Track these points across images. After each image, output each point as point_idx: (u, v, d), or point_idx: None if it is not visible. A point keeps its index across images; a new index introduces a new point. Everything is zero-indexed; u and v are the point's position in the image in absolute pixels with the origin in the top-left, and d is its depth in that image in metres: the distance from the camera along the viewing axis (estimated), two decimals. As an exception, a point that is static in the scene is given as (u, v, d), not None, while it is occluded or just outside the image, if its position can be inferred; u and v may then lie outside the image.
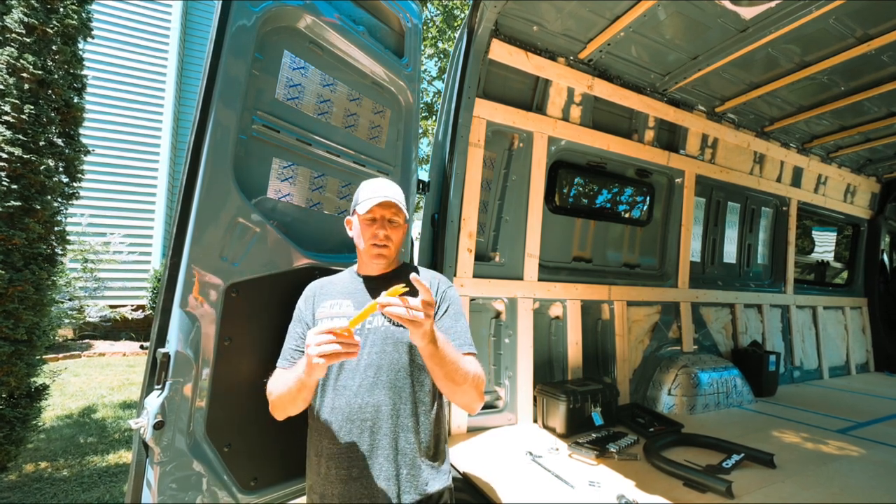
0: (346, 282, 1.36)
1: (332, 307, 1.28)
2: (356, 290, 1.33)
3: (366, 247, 1.30)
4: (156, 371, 1.28)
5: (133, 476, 1.27)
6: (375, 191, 1.29)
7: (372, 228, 1.29)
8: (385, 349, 1.22)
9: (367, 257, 1.32)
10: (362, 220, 1.30)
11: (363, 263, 1.36)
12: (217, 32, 1.40)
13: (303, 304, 1.33)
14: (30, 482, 2.80)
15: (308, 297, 1.34)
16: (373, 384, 1.19)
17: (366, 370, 1.20)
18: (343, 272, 1.43)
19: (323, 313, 1.28)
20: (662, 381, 3.47)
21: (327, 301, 1.30)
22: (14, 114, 2.48)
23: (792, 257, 5.05)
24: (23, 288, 2.45)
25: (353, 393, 1.18)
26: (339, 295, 1.31)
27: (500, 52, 2.84)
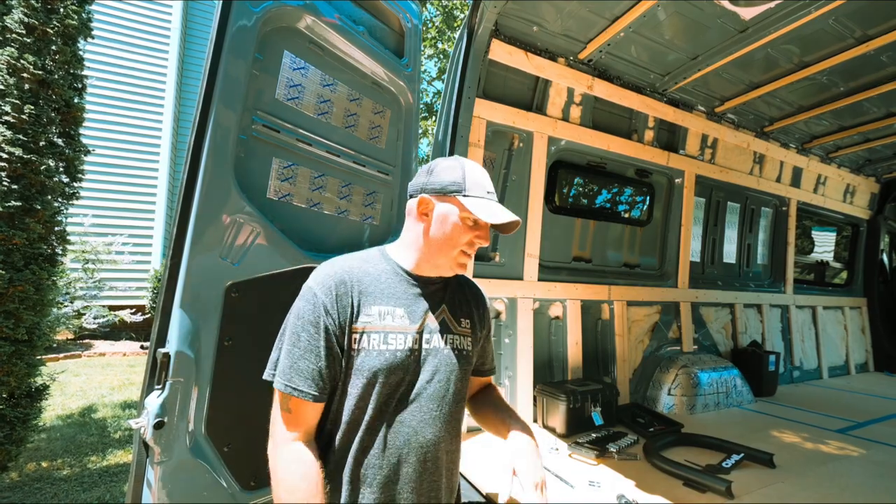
0: (391, 279, 1.01)
1: (383, 317, 0.95)
2: (408, 294, 1.01)
3: (456, 252, 1.00)
4: (156, 371, 1.28)
5: (133, 476, 1.27)
6: (486, 187, 1.00)
7: (473, 232, 1.00)
8: (450, 377, 1.00)
9: (450, 263, 1.02)
10: (463, 218, 0.98)
11: (427, 262, 1.02)
12: (217, 33, 1.40)
13: (329, 302, 0.92)
14: (30, 482, 2.80)
15: (342, 293, 0.94)
16: (434, 418, 0.96)
17: (429, 402, 0.96)
18: (373, 256, 1.05)
19: (371, 324, 0.94)
20: (662, 380, 3.47)
21: (375, 307, 0.95)
22: (14, 114, 2.48)
23: (791, 257, 5.05)
24: (23, 288, 2.45)
25: (412, 430, 0.94)
26: (387, 298, 0.98)
27: (500, 53, 2.84)
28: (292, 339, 0.92)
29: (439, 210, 0.99)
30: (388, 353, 0.93)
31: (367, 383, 0.92)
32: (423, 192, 1.00)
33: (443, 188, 0.98)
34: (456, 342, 1.03)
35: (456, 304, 1.08)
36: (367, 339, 0.93)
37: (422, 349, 0.98)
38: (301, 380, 0.89)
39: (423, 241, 1.01)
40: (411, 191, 1.04)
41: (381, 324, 0.95)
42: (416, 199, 1.01)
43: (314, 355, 0.90)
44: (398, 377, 0.94)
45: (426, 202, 1.00)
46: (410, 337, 0.96)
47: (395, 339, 0.94)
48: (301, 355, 0.90)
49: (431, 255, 1.01)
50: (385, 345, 0.93)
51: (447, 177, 0.98)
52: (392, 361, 0.93)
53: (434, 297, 1.03)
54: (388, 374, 0.92)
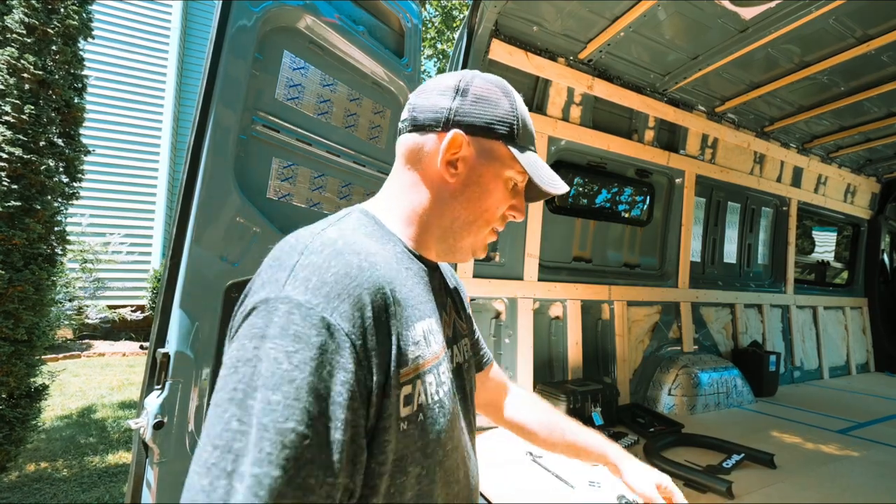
0: (412, 270, 0.61)
1: (429, 341, 0.56)
2: (426, 290, 0.62)
3: (488, 228, 0.66)
4: (156, 371, 1.28)
5: (133, 476, 1.27)
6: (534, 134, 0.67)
7: (513, 202, 0.66)
8: (472, 397, 0.73)
9: (476, 245, 0.67)
10: (504, 178, 0.63)
11: (443, 241, 0.65)
12: (217, 32, 1.40)
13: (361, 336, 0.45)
14: (30, 482, 2.80)
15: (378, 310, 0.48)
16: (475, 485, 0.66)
17: (469, 435, 0.66)
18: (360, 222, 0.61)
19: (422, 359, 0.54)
20: (662, 381, 3.47)
21: (417, 325, 0.55)
22: (14, 114, 2.48)
23: (792, 257, 5.05)
24: (23, 288, 2.45)
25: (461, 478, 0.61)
26: (421, 307, 0.58)
27: (500, 52, 2.84)
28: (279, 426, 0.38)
29: (480, 161, 0.61)
30: (447, 398, 0.57)
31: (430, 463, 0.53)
32: (455, 126, 0.60)
33: (487, 125, 0.60)
34: (468, 350, 0.74)
35: (455, 295, 0.77)
36: (422, 388, 0.52)
37: (453, 372, 0.64)
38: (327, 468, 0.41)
39: (445, 206, 0.62)
40: (425, 117, 0.62)
41: (430, 353, 0.55)
42: (434, 136, 0.61)
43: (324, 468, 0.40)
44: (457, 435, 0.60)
45: (460, 143, 0.60)
46: (447, 359, 0.62)
47: (445, 372, 0.58)
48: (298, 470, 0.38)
49: (455, 232, 0.64)
50: (439, 386, 0.56)
51: (493, 109, 0.61)
52: (452, 410, 0.58)
53: (442, 289, 0.69)
54: (450, 435, 0.57)
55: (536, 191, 0.66)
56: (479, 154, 0.61)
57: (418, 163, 0.63)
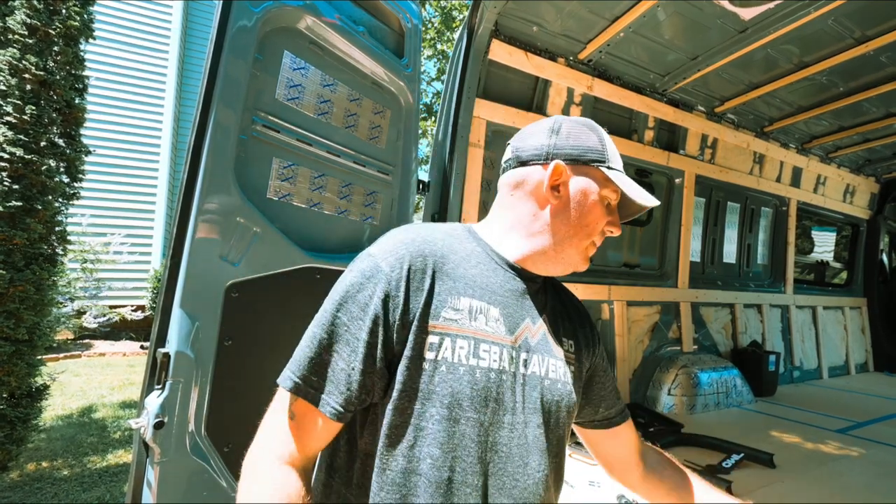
0: (482, 262, 0.71)
1: (474, 315, 0.65)
2: (506, 290, 0.71)
3: (588, 241, 0.73)
4: (156, 371, 1.29)
5: (133, 476, 1.27)
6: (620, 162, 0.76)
7: (609, 219, 0.74)
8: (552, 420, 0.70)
9: (579, 257, 0.74)
10: (600, 197, 0.72)
11: (546, 255, 0.73)
12: (217, 33, 1.41)
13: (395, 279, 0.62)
14: (30, 481, 2.80)
15: (417, 269, 0.63)
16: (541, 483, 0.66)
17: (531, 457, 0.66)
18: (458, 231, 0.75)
19: (458, 324, 0.63)
20: (662, 380, 3.47)
21: (464, 298, 0.65)
22: (16, 114, 2.49)
23: (791, 257, 5.05)
24: (24, 288, 2.45)
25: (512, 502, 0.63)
26: (478, 290, 0.67)
27: (500, 53, 2.84)
28: (323, 321, 0.63)
29: (577, 184, 0.71)
30: (480, 372, 0.62)
31: (442, 415, 0.60)
32: (556, 157, 0.71)
33: (582, 154, 0.71)
34: (559, 371, 0.72)
35: (558, 316, 0.78)
36: (450, 346, 0.62)
37: (518, 374, 0.67)
38: (323, 379, 0.61)
39: (546, 223, 0.72)
40: (529, 155, 0.73)
41: (471, 326, 0.64)
42: (537, 168, 0.72)
43: (349, 350, 0.61)
44: (493, 415, 0.63)
45: (561, 171, 0.71)
46: (507, 352, 0.66)
47: (489, 353, 0.64)
48: (330, 346, 0.61)
49: (557, 245, 0.72)
50: (476, 359, 0.63)
51: (584, 140, 0.72)
52: (485, 387, 0.62)
53: (536, 300, 0.74)
54: (478, 407, 0.61)
55: (630, 206, 0.76)
56: (578, 178, 0.72)
57: (523, 190, 0.75)
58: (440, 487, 0.59)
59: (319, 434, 0.62)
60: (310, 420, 0.62)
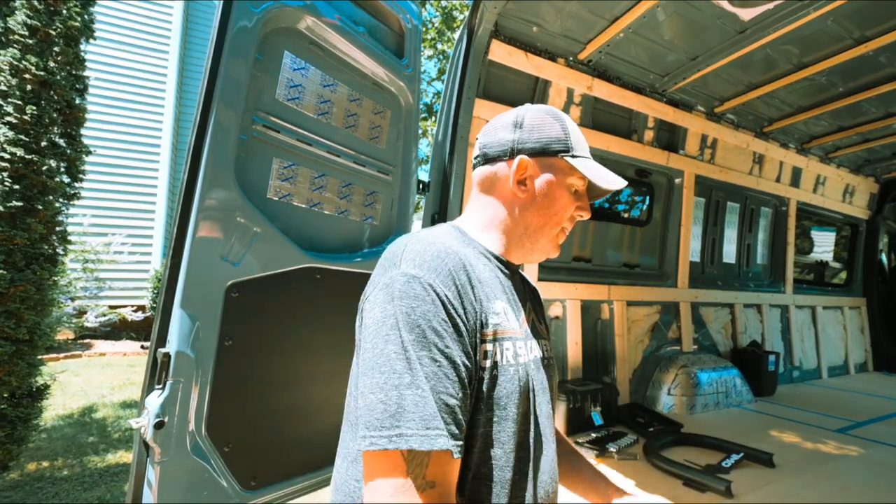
0: (488, 266, 0.73)
1: (507, 316, 0.69)
2: (506, 286, 0.74)
3: (557, 229, 0.77)
4: (156, 371, 1.29)
5: (134, 476, 1.28)
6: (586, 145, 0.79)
7: (577, 204, 0.77)
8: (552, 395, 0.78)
9: (550, 245, 0.78)
10: (566, 185, 0.75)
11: (521, 246, 0.77)
12: (218, 33, 1.41)
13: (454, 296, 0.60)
14: (31, 481, 2.81)
15: (463, 282, 0.62)
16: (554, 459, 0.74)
17: (549, 439, 0.72)
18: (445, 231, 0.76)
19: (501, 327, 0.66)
20: (662, 380, 3.47)
21: (498, 301, 0.68)
22: (16, 114, 2.49)
23: (791, 257, 5.05)
24: (24, 288, 2.46)
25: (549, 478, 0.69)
26: (498, 291, 0.71)
27: (500, 53, 2.84)
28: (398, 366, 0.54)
29: (543, 176, 0.74)
30: (521, 368, 0.66)
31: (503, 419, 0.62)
32: (519, 153, 0.74)
33: (545, 147, 0.73)
34: (548, 350, 0.80)
35: (536, 302, 0.87)
36: (499, 349, 0.64)
37: (530, 361, 0.71)
38: (445, 423, 0.53)
39: (517, 217, 0.75)
40: (494, 151, 0.76)
41: (510, 326, 0.67)
42: (503, 164, 0.75)
43: (450, 381, 0.55)
44: (532, 406, 0.68)
45: (526, 165, 0.73)
46: (526, 344, 0.71)
47: (525, 348, 0.69)
48: (438, 380, 0.54)
49: (530, 236, 0.76)
50: (516, 357, 0.66)
51: (547, 132, 0.74)
52: (526, 381, 0.67)
53: (520, 289, 0.79)
54: (525, 402, 0.66)
55: (598, 189, 0.79)
56: (543, 170, 0.75)
57: (493, 186, 0.77)
58: (507, 487, 0.61)
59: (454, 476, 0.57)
60: (447, 470, 0.54)
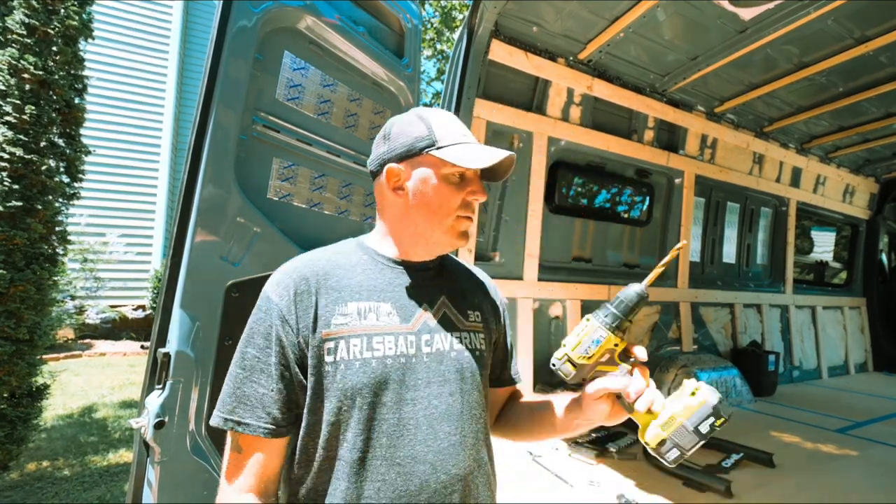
0: (368, 269, 0.80)
1: (364, 315, 0.75)
2: (395, 286, 0.80)
3: (451, 219, 0.79)
4: (156, 371, 1.29)
5: (134, 475, 1.28)
6: (464, 134, 0.79)
7: (465, 189, 0.79)
8: (465, 388, 0.78)
9: (449, 235, 0.80)
10: (446, 176, 0.77)
11: (417, 244, 0.82)
12: (218, 33, 1.41)
13: (286, 307, 0.73)
14: (31, 481, 2.81)
15: (302, 291, 0.74)
16: (457, 445, 0.74)
17: (446, 425, 0.74)
18: (346, 247, 0.85)
19: (347, 326, 0.73)
20: (662, 380, 3.47)
21: (350, 304, 0.75)
22: (15, 114, 2.49)
23: (791, 257, 5.06)
24: (24, 288, 2.45)
25: (430, 467, 0.70)
26: (365, 293, 0.77)
27: (500, 53, 2.84)
28: (237, 359, 0.73)
29: (415, 177, 0.78)
30: (375, 361, 0.71)
31: (349, 406, 0.69)
32: (389, 163, 0.79)
33: (409, 149, 0.77)
34: (465, 341, 0.81)
35: (458, 294, 0.86)
36: (345, 346, 0.71)
37: (421, 355, 0.75)
38: (247, 409, 0.69)
39: (406, 221, 0.80)
40: (372, 167, 0.83)
41: (361, 324, 0.73)
42: (382, 176, 0.80)
43: (265, 376, 0.70)
44: (394, 395, 0.71)
45: (395, 172, 0.78)
46: (403, 339, 0.75)
47: (384, 344, 0.73)
48: (247, 377, 0.71)
49: (422, 234, 0.80)
50: (370, 351, 0.72)
51: (410, 133, 0.78)
52: (381, 373, 0.71)
53: (429, 287, 0.82)
54: (377, 391, 0.70)
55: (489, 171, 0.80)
56: (415, 171, 0.78)
57: (381, 198, 0.84)
58: (354, 466, 0.68)
59: (267, 455, 0.71)
60: (254, 448, 0.71)
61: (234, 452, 0.71)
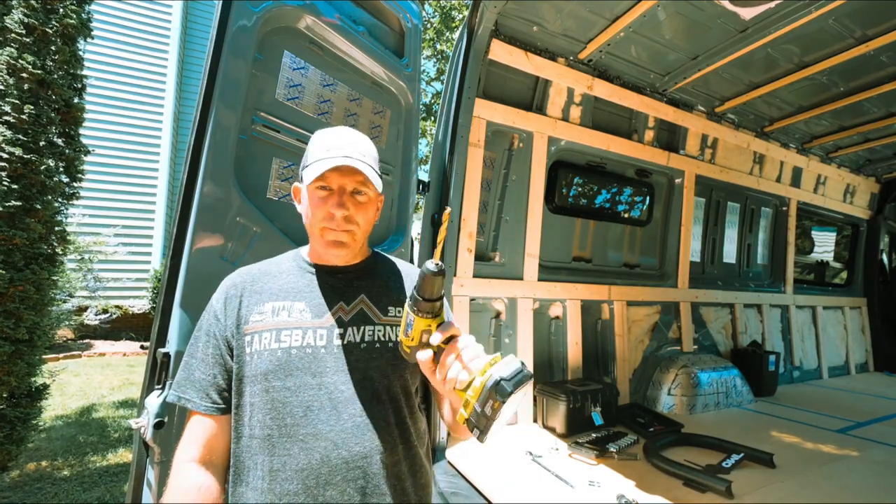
0: (292, 273, 0.94)
1: (276, 313, 0.87)
2: (313, 287, 0.92)
3: (318, 229, 0.89)
4: (156, 371, 1.29)
5: (133, 476, 1.27)
6: (331, 147, 0.87)
7: (326, 205, 0.87)
8: (376, 375, 0.87)
9: (321, 244, 0.91)
10: (312, 191, 0.88)
11: (316, 250, 0.95)
12: (217, 33, 1.40)
13: (220, 308, 0.89)
14: (31, 481, 2.80)
15: (231, 295, 0.90)
16: (360, 426, 0.82)
17: (349, 408, 0.82)
18: (284, 257, 1.00)
19: (262, 322, 0.86)
20: (662, 380, 3.47)
21: (267, 304, 0.88)
22: (14, 114, 2.48)
23: (791, 257, 5.05)
24: (24, 288, 2.45)
25: (331, 443, 0.79)
26: (283, 294, 0.90)
27: (500, 53, 2.84)
28: (189, 349, 0.90)
29: (301, 192, 0.93)
30: (281, 351, 0.83)
31: (260, 390, 0.82)
32: (295, 181, 0.96)
33: (301, 168, 0.93)
34: (379, 334, 0.89)
35: (381, 292, 0.95)
36: (258, 339, 0.84)
37: (331, 346, 0.85)
38: (194, 390, 0.85)
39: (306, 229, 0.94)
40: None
41: (273, 321, 0.86)
42: None
43: (204, 364, 0.86)
44: (298, 380, 0.82)
45: (296, 189, 0.95)
46: (312, 332, 0.86)
47: (290, 336, 0.84)
48: (196, 365, 0.87)
49: (311, 241, 0.96)
50: (277, 343, 0.84)
51: (305, 155, 0.93)
52: (285, 361, 0.82)
53: (349, 287, 0.93)
54: (282, 377, 0.82)
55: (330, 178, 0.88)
56: (300, 187, 0.93)
57: None
58: (266, 442, 0.80)
59: (212, 430, 0.85)
60: (198, 421, 0.85)
61: (188, 427, 0.86)
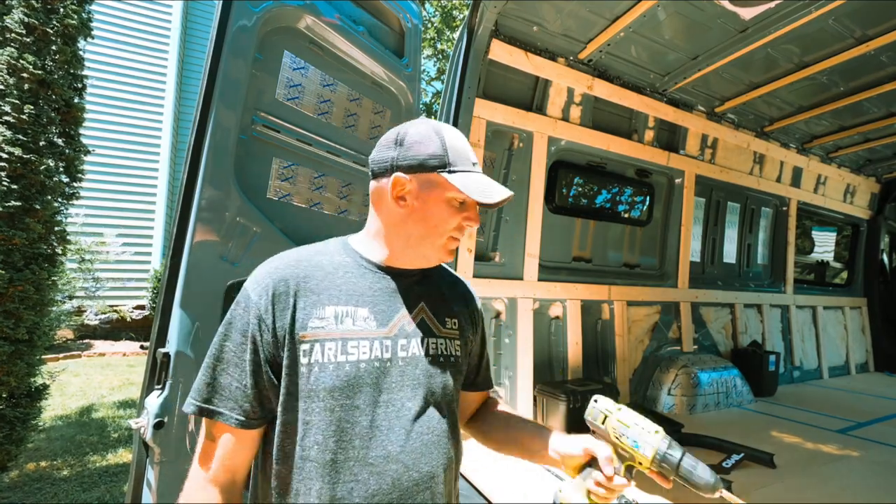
0: (350, 272, 0.82)
1: (340, 320, 0.76)
2: (375, 291, 0.82)
3: (444, 239, 0.82)
4: (156, 371, 1.28)
5: (133, 476, 1.27)
6: (468, 157, 0.81)
7: (462, 214, 0.81)
8: (438, 391, 0.81)
9: (438, 252, 0.84)
10: (449, 199, 0.80)
11: (405, 254, 0.84)
12: (217, 33, 1.40)
13: (263, 306, 0.75)
14: (30, 482, 2.80)
15: (281, 293, 0.76)
16: (428, 445, 0.77)
17: (418, 427, 0.77)
18: (331, 247, 0.87)
19: (324, 330, 0.75)
20: (662, 380, 3.47)
21: (328, 307, 0.77)
22: (14, 114, 2.48)
23: (792, 257, 5.05)
24: (23, 288, 2.45)
25: (403, 466, 0.73)
26: (346, 297, 0.79)
27: (500, 53, 2.84)
28: (215, 350, 0.75)
29: (421, 192, 0.79)
30: (349, 365, 0.74)
31: (321, 408, 0.71)
32: (397, 170, 0.79)
33: (421, 164, 0.78)
34: (441, 347, 0.84)
35: (438, 301, 0.89)
36: (319, 349, 0.73)
37: (396, 359, 0.78)
38: (221, 399, 0.72)
39: (400, 229, 0.82)
40: (378, 168, 0.83)
41: (338, 329, 0.75)
42: (386, 180, 0.81)
43: (238, 370, 0.73)
44: (367, 397, 0.74)
45: (402, 183, 0.79)
46: (379, 344, 0.77)
47: (358, 348, 0.76)
48: (223, 369, 0.74)
49: (413, 245, 0.83)
50: (344, 355, 0.74)
51: (424, 148, 0.79)
52: (355, 376, 0.73)
53: (409, 292, 0.85)
54: (350, 395, 0.73)
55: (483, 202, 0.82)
56: (421, 186, 0.79)
57: (378, 201, 0.84)
58: (326, 468, 0.70)
59: (237, 447, 0.74)
60: (224, 435, 0.74)
61: (208, 440, 0.75)
